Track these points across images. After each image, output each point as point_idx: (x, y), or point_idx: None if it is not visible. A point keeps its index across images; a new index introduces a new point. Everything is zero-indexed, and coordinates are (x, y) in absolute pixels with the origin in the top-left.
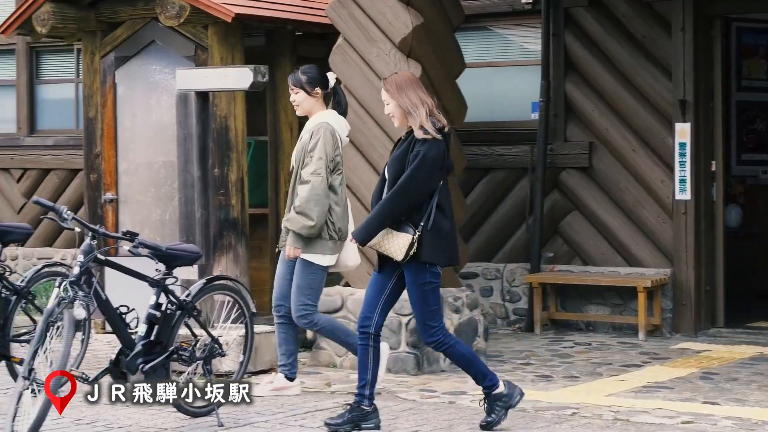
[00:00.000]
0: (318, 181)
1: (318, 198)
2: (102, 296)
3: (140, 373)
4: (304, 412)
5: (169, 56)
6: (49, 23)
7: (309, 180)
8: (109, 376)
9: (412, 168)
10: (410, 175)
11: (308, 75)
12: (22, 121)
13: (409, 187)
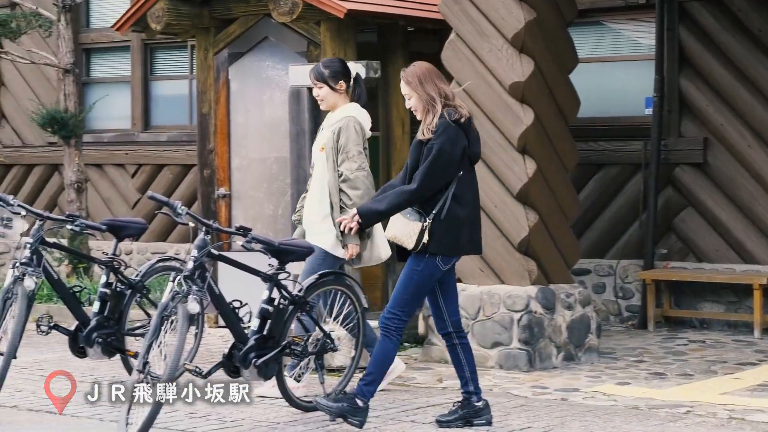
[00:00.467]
0: (364, 176)
1: (369, 192)
2: (215, 291)
3: (253, 367)
4: (415, 408)
5: (282, 52)
6: (163, 20)
7: (357, 176)
8: (222, 370)
9: (428, 163)
10: (425, 171)
11: (331, 69)
12: (136, 117)
13: (423, 182)
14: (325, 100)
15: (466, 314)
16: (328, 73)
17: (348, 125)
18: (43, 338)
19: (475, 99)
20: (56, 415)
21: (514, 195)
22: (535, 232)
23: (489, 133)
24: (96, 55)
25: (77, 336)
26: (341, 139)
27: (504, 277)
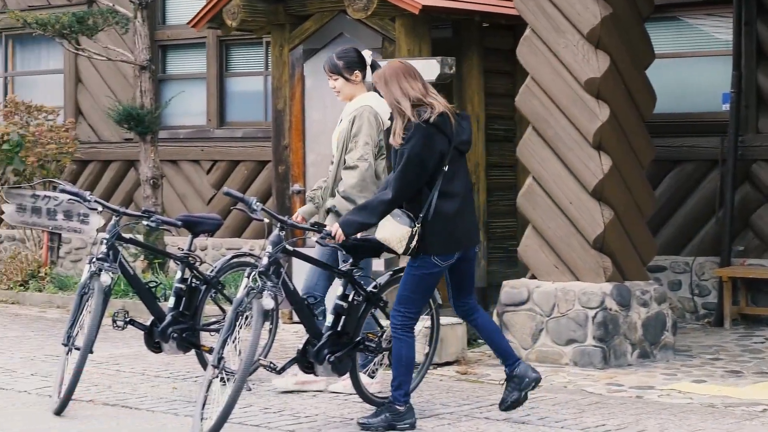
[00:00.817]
0: (365, 167)
1: (365, 184)
2: (290, 287)
3: (327, 363)
4: (489, 404)
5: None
6: (239, 16)
7: (356, 165)
8: (297, 365)
9: (399, 170)
10: (397, 178)
11: (345, 60)
12: (211, 113)
13: (397, 190)
14: (342, 92)
15: (541, 311)
16: (343, 64)
17: (362, 114)
18: (118, 333)
19: (550, 95)
20: (132, 409)
21: (590, 191)
22: (610, 229)
23: (564, 129)
24: (172, 52)
25: (153, 331)
26: (354, 128)
27: (579, 274)
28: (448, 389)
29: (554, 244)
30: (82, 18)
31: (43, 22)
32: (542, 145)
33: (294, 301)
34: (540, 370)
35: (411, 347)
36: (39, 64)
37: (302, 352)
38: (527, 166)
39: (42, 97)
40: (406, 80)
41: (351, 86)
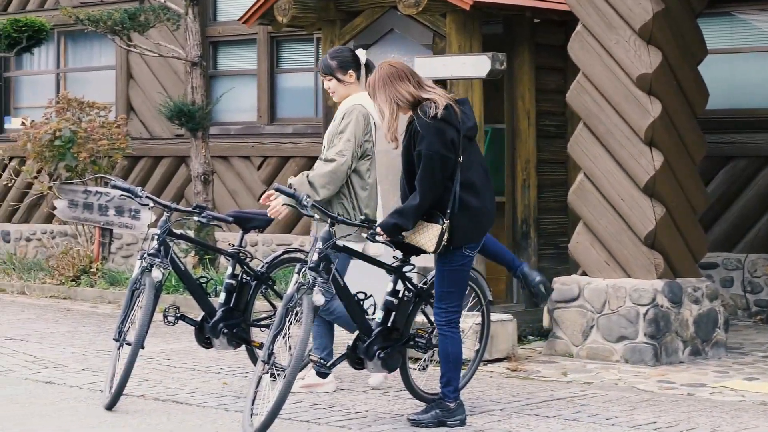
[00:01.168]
0: (341, 162)
1: (334, 179)
2: (340, 283)
3: (377, 359)
4: (539, 401)
5: (408, 45)
6: (289, 13)
7: (333, 159)
8: (347, 361)
9: (421, 172)
10: (422, 181)
11: (338, 60)
12: (262, 109)
13: (424, 192)
14: (336, 93)
15: (592, 308)
16: (336, 64)
17: (352, 112)
18: (169, 329)
19: (601, 91)
20: (182, 404)
21: (641, 188)
22: (662, 226)
23: (616, 125)
24: (223, 48)
25: (203, 327)
26: (341, 125)
27: (630, 271)
28: (499, 386)
29: (605, 240)
30: (133, 14)
31: (95, 18)
32: (593, 141)
33: (344, 297)
34: (590, 367)
35: (457, 343)
36: (91, 61)
37: (352, 348)
38: (578, 162)
39: (94, 94)
40: (393, 85)
41: (345, 86)
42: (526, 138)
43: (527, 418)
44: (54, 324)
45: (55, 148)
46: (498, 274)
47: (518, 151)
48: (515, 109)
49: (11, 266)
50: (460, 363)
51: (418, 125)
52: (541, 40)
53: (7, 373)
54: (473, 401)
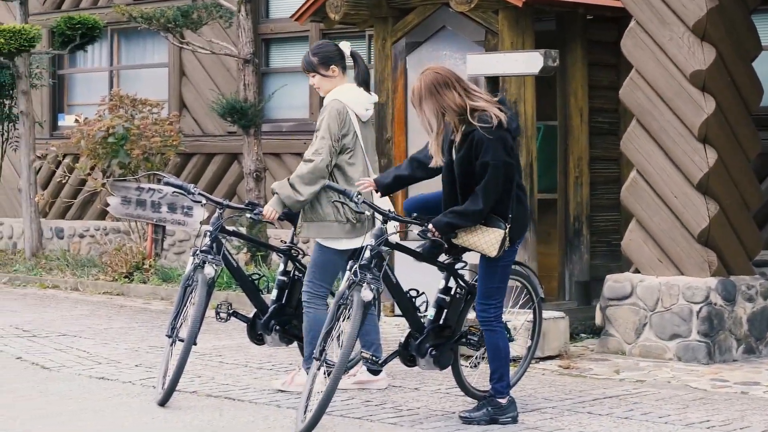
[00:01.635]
0: (318, 162)
1: (312, 178)
2: (392, 279)
3: (429, 356)
4: (591, 399)
5: (459, 41)
6: (342, 10)
7: (311, 159)
8: (398, 359)
9: (487, 181)
10: (487, 189)
11: (320, 56)
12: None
13: (488, 200)
14: (321, 88)
15: (644, 305)
16: (317, 60)
17: (326, 108)
18: (222, 325)
19: (655, 87)
20: (234, 400)
21: (695, 185)
22: (715, 223)
23: (669, 122)
24: (275, 45)
25: (255, 323)
26: (318, 122)
27: (683, 269)
28: (551, 383)
29: (658, 238)
30: (186, 12)
31: (148, 16)
32: (647, 138)
33: (396, 294)
34: (643, 365)
35: (505, 337)
36: (144, 58)
37: (404, 345)
38: (631, 159)
39: (147, 91)
40: (440, 94)
41: (329, 81)
42: (579, 135)
43: (579, 416)
44: (107, 320)
45: (109, 145)
46: (550, 272)
47: (571, 148)
48: (568, 106)
49: (65, 263)
50: (509, 357)
51: (480, 136)
52: (594, 37)
53: (61, 368)
54: (525, 399)
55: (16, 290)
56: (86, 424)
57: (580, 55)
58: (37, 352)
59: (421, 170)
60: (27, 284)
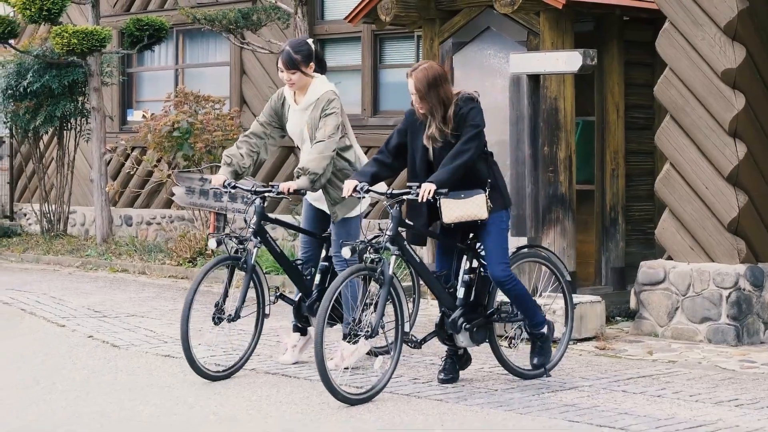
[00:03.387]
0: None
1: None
2: (416, 259)
3: (464, 331)
4: (626, 378)
5: (503, 41)
6: (392, 12)
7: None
8: (437, 337)
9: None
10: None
11: (302, 54)
12: (366, 102)
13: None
14: (297, 84)
15: (677, 290)
16: (300, 58)
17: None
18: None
19: (687, 85)
20: (290, 377)
21: (725, 177)
22: (744, 213)
23: (701, 117)
24: (329, 45)
25: (300, 306)
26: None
27: (713, 256)
28: (587, 363)
29: (690, 227)
30: (247, 14)
31: (211, 18)
32: (680, 132)
33: (422, 273)
34: (675, 346)
35: (522, 284)
36: (207, 57)
37: (440, 324)
38: (665, 152)
39: (209, 88)
40: (444, 86)
41: (306, 78)
42: (615, 130)
43: (614, 394)
44: (172, 302)
45: (174, 138)
46: (587, 258)
47: (607, 142)
48: (605, 102)
49: (133, 248)
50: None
51: (469, 107)
52: (630, 37)
53: (129, 347)
54: (564, 377)
55: (88, 274)
56: (153, 399)
57: (617, 55)
58: (107, 331)
59: (385, 169)
60: (98, 268)
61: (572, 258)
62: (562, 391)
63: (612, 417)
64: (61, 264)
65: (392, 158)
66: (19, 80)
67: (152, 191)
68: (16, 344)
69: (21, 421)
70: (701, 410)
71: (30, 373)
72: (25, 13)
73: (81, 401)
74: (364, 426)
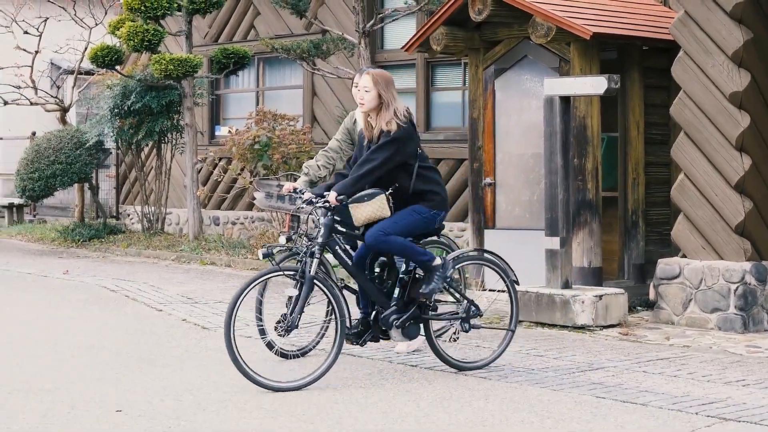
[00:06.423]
0: None
1: None
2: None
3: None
4: (646, 360)
5: (538, 68)
6: (442, 42)
7: None
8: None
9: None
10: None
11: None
12: (419, 120)
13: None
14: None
15: (690, 284)
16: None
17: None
18: None
19: (699, 106)
20: (355, 356)
21: (732, 186)
22: (750, 217)
23: (711, 134)
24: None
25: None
26: None
27: (723, 254)
28: (612, 347)
29: (702, 229)
30: (318, 44)
31: (287, 48)
32: (692, 147)
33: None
34: (689, 333)
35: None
36: (283, 81)
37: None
38: (679, 164)
39: (285, 107)
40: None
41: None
42: (636, 144)
43: (636, 374)
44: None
45: (255, 151)
46: (612, 256)
47: (629, 155)
48: (627, 121)
49: (220, 244)
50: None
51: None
52: (649, 64)
53: (217, 329)
54: (591, 359)
55: (182, 266)
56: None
57: (637, 79)
58: (198, 315)
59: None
60: (190, 261)
61: (599, 255)
62: (590, 370)
63: (634, 394)
64: (159, 257)
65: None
66: (124, 101)
67: (236, 195)
68: (120, 326)
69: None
70: (713, 389)
71: (134, 350)
72: (129, 43)
73: (176, 374)
74: (419, 397)
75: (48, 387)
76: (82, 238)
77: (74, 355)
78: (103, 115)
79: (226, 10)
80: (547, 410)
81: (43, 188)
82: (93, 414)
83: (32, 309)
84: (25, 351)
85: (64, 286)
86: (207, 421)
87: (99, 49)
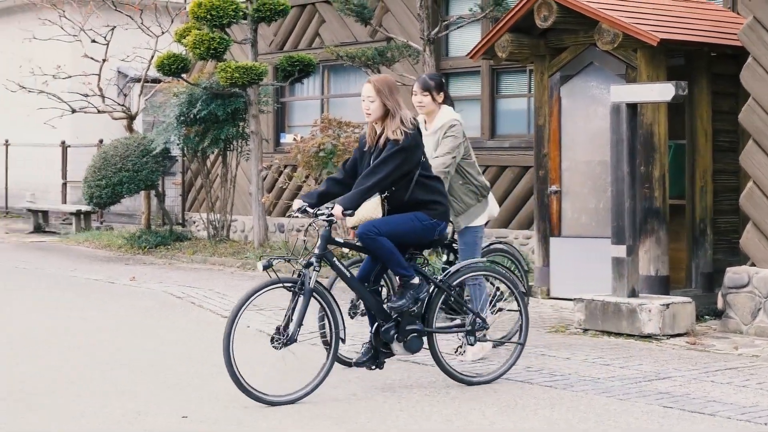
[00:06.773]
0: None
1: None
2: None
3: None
4: (714, 370)
5: (604, 75)
6: (507, 50)
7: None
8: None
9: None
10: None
11: (435, 81)
12: (485, 127)
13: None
14: (426, 107)
15: (759, 293)
16: (433, 84)
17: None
18: None
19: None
20: (420, 364)
21: None
22: None
23: None
24: (453, 78)
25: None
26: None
27: None
28: (680, 357)
29: None
30: (382, 52)
31: (351, 55)
32: (761, 154)
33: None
34: (758, 342)
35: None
36: (348, 88)
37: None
38: (748, 172)
39: (350, 115)
40: (397, 94)
41: (434, 104)
42: (704, 152)
43: (703, 384)
44: None
45: (320, 158)
46: (679, 264)
47: (697, 162)
48: (695, 128)
49: (285, 252)
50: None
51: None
52: (717, 70)
53: None
54: (659, 368)
55: (247, 273)
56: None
57: (705, 86)
58: (262, 322)
59: (337, 186)
60: (255, 268)
61: (666, 264)
62: (657, 380)
63: (702, 404)
64: (224, 264)
65: (346, 175)
66: (190, 108)
67: None
68: (186, 331)
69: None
70: None
71: (197, 353)
72: (195, 51)
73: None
74: (484, 405)
75: (122, 390)
76: (149, 245)
77: (136, 358)
78: (169, 123)
79: (291, 18)
80: (614, 420)
81: (110, 195)
82: (158, 420)
83: (106, 316)
84: (105, 357)
85: (130, 292)
86: (270, 429)
87: (165, 58)
